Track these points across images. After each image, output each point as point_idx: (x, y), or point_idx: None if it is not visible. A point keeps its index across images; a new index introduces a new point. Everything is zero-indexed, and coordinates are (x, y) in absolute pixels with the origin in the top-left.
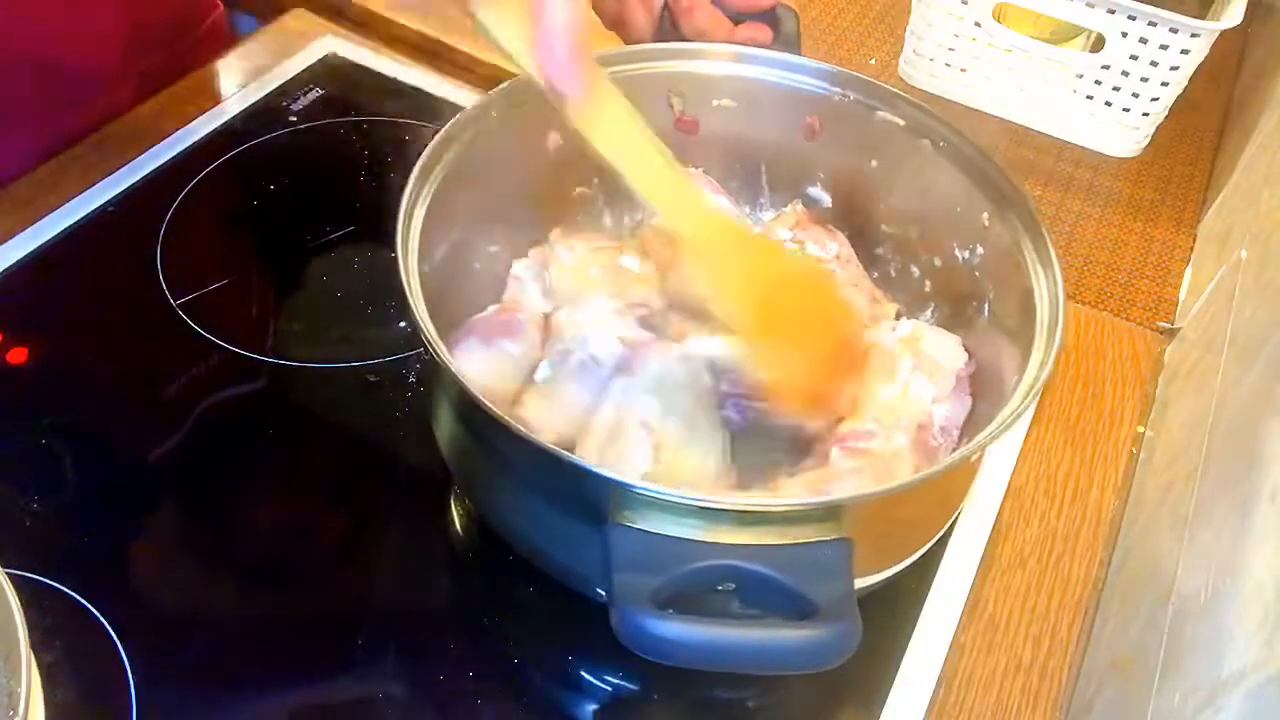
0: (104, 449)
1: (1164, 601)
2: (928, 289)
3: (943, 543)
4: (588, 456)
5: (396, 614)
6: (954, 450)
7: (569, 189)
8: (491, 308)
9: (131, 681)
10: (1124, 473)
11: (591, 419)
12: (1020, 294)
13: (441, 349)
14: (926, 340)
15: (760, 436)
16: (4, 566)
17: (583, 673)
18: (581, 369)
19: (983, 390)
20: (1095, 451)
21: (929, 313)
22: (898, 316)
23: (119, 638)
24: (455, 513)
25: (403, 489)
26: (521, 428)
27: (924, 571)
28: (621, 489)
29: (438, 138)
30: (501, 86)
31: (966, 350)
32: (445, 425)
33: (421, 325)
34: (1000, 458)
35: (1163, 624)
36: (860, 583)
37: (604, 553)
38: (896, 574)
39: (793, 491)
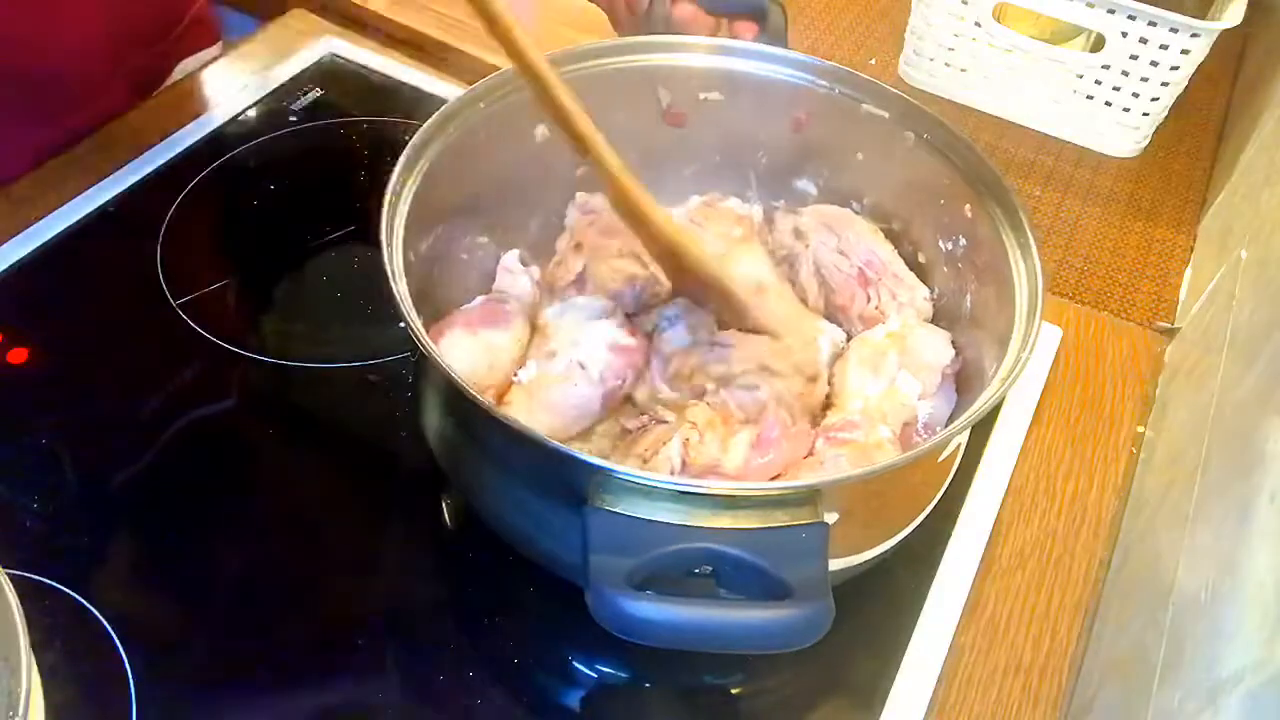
0: (104, 449)
1: (1164, 601)
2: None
3: (942, 542)
4: None
5: (397, 613)
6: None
7: (559, 176)
8: (479, 298)
9: (131, 681)
10: (1124, 473)
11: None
12: (1001, 285)
13: (424, 336)
14: (914, 337)
15: None
16: (4, 566)
17: (580, 666)
18: (568, 374)
19: (967, 385)
20: (1095, 451)
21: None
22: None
23: (119, 638)
24: (453, 511)
25: (403, 488)
26: (503, 413)
27: (924, 571)
28: (600, 472)
29: (421, 131)
30: (486, 80)
31: (954, 347)
32: (431, 415)
33: (405, 314)
34: (1000, 458)
35: (1163, 624)
36: (834, 565)
37: (582, 535)
38: (871, 560)
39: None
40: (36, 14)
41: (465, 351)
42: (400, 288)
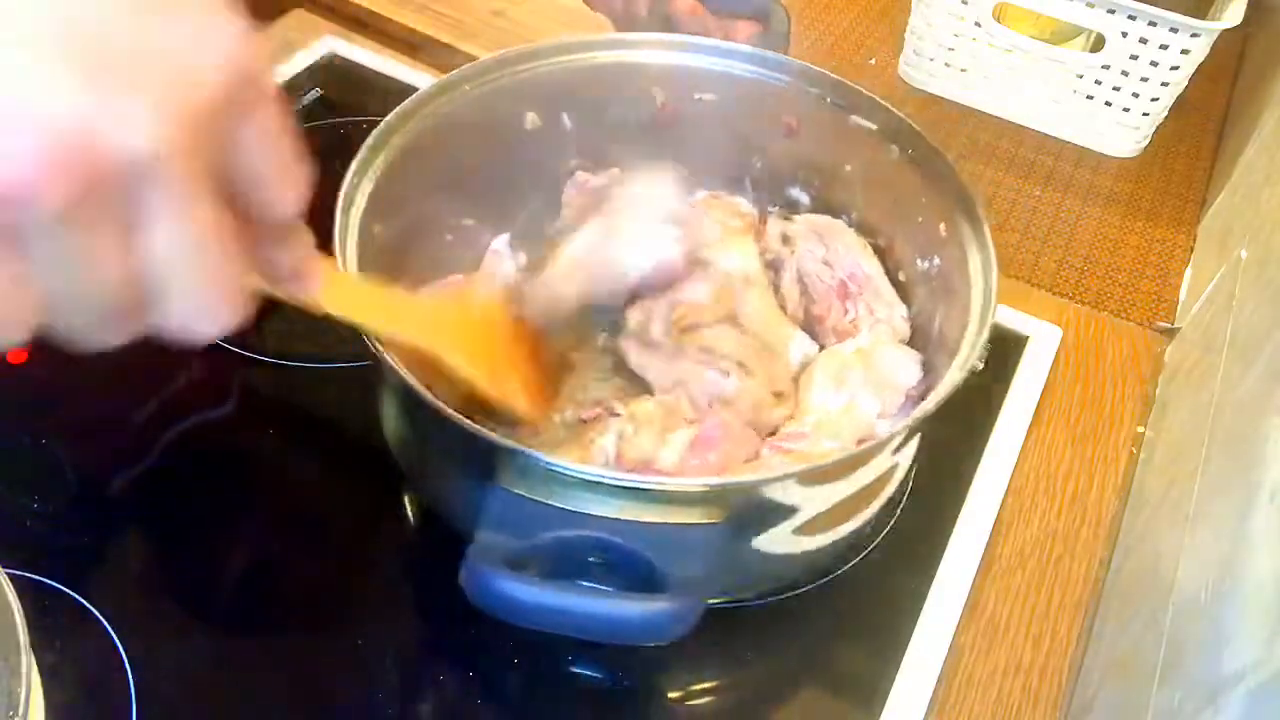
0: (104, 449)
1: (1164, 601)
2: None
3: (942, 542)
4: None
5: (397, 614)
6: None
7: (550, 164)
8: (453, 277)
9: (131, 681)
10: (1124, 473)
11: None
12: (962, 306)
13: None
14: (881, 354)
15: None
16: (4, 566)
17: (582, 670)
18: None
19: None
20: (1095, 451)
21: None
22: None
23: (119, 638)
24: (414, 507)
25: (404, 488)
26: (424, 391)
27: (924, 571)
28: (504, 452)
29: (389, 118)
30: (473, 64)
31: (924, 368)
32: (387, 406)
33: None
34: (1000, 458)
35: (1163, 624)
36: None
37: (477, 511)
38: (801, 554)
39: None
40: None
41: None
42: (349, 256)
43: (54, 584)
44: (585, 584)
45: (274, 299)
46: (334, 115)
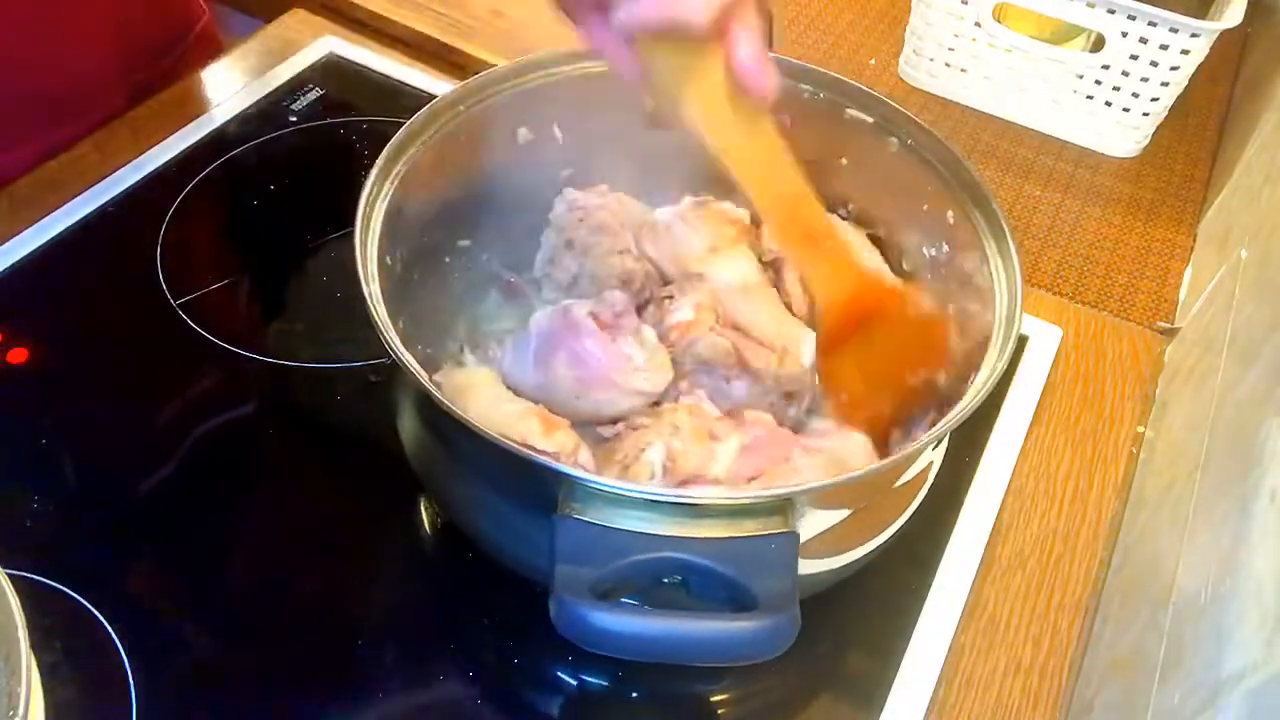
0: (104, 449)
1: (1164, 601)
2: None
3: (942, 542)
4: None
5: (397, 615)
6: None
7: (543, 179)
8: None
9: (131, 681)
10: (1124, 473)
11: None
12: (981, 293)
13: (396, 340)
14: None
15: None
16: (4, 566)
17: (585, 676)
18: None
19: (951, 394)
20: (1095, 451)
21: None
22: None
23: (119, 638)
24: (431, 516)
25: (405, 489)
26: (474, 421)
27: (924, 571)
28: (568, 480)
29: (400, 133)
30: (466, 83)
31: None
32: (408, 424)
33: (377, 319)
34: (1000, 458)
35: (1163, 624)
36: (808, 568)
37: (549, 544)
38: (845, 566)
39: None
40: (43, 34)
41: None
42: (373, 289)
43: (54, 584)
44: (674, 609)
45: None
46: (334, 115)
